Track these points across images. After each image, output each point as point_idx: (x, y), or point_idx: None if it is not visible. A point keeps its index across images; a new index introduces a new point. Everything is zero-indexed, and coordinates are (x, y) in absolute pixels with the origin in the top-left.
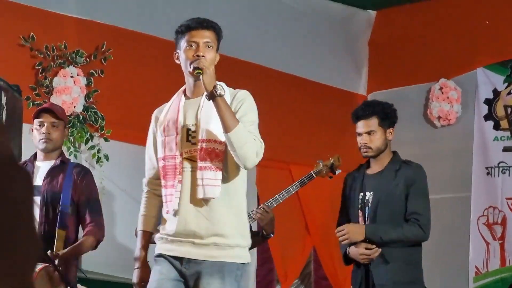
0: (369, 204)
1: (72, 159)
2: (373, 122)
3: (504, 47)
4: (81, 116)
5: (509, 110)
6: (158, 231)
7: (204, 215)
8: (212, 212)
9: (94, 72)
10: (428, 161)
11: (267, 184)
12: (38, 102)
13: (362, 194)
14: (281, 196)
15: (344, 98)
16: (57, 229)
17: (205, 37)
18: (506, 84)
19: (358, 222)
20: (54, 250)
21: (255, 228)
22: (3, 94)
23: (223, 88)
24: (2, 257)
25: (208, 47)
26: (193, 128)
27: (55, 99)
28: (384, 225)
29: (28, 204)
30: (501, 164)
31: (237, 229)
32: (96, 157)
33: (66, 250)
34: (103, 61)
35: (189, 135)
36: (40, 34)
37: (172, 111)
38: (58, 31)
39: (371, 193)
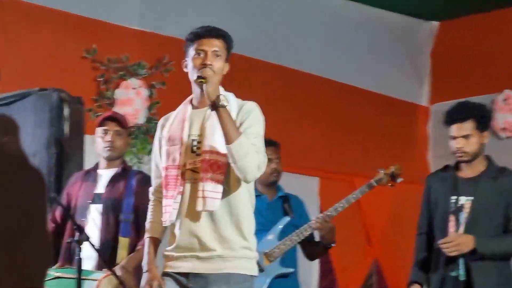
0: (465, 209)
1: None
2: (469, 126)
3: None
4: (143, 128)
5: None
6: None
7: (207, 228)
8: (215, 224)
9: (156, 84)
10: None
11: (329, 196)
12: (100, 113)
13: (455, 198)
14: (341, 205)
15: (407, 109)
16: (119, 237)
17: (213, 45)
18: None
19: (446, 227)
20: (117, 260)
21: (317, 238)
22: (65, 106)
23: (226, 99)
24: (9, 259)
25: (217, 56)
26: (198, 139)
27: (117, 111)
28: (494, 238)
29: (40, 205)
30: None
31: (242, 241)
32: None
33: (127, 259)
34: (165, 73)
35: (193, 146)
36: (102, 46)
37: (178, 121)
38: (120, 43)
39: (469, 198)
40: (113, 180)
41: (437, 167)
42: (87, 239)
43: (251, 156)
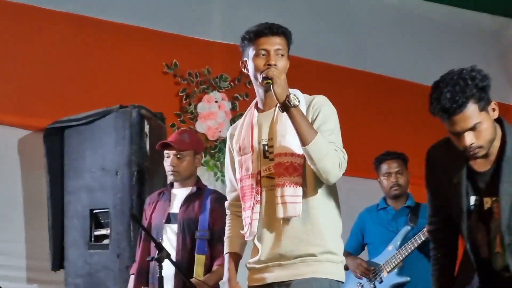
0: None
1: (219, 184)
2: (472, 111)
3: None
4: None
5: None
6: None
7: (288, 235)
8: (296, 230)
9: (239, 96)
10: None
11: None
12: (183, 128)
13: (476, 197)
14: None
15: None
16: (196, 255)
17: (275, 44)
18: None
19: (477, 232)
20: (194, 276)
21: None
22: (145, 123)
23: (296, 98)
24: None
25: (280, 55)
26: (269, 143)
27: (200, 125)
28: None
29: None
30: None
31: (326, 243)
32: None
33: (207, 276)
34: (247, 85)
35: (265, 151)
36: (183, 60)
37: (246, 128)
38: (201, 56)
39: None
40: (188, 200)
41: None
42: (168, 256)
43: (331, 156)
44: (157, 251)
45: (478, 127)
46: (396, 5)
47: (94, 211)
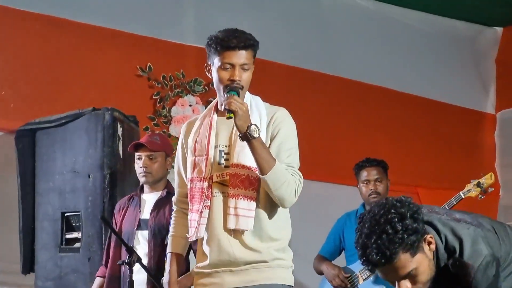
0: None
1: None
2: (404, 260)
3: None
4: None
5: None
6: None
7: (238, 242)
8: (246, 238)
9: (213, 100)
10: None
11: None
12: (157, 132)
13: None
14: None
15: (473, 118)
16: (166, 260)
17: (241, 58)
18: None
19: None
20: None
21: None
22: (118, 125)
23: (257, 129)
24: None
25: (245, 69)
26: (225, 150)
27: (173, 129)
28: None
29: None
30: None
31: (277, 249)
32: None
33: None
34: None
35: (221, 157)
36: (157, 64)
37: (204, 129)
38: (176, 60)
39: None
40: (158, 205)
41: (503, 177)
42: (139, 260)
43: (287, 183)
44: (127, 255)
45: (413, 273)
46: (371, 9)
47: (65, 214)
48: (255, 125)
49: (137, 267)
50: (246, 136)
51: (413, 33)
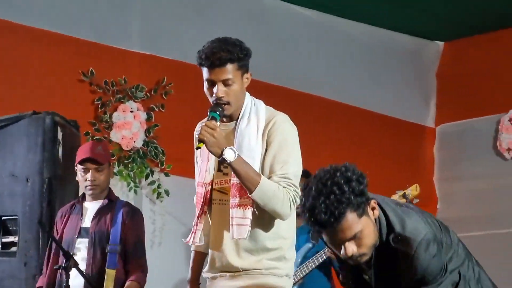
0: None
1: (132, 194)
2: (351, 220)
3: None
4: (141, 151)
5: None
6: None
7: (236, 248)
8: (244, 245)
9: (154, 107)
10: (497, 195)
11: None
12: (98, 137)
13: None
14: None
15: (413, 131)
16: (106, 269)
17: (222, 75)
18: None
19: None
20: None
21: None
22: (59, 130)
23: (232, 151)
24: None
25: (228, 84)
26: None
27: (114, 134)
28: None
29: None
30: None
31: (271, 258)
32: (157, 192)
33: None
34: (164, 96)
35: (221, 164)
36: (99, 69)
37: None
38: (118, 66)
39: None
40: (100, 213)
41: (441, 190)
42: (76, 265)
43: (276, 197)
44: (64, 260)
45: (359, 235)
46: (315, 20)
47: (2, 218)
48: (231, 148)
49: (74, 272)
50: (223, 161)
51: (356, 45)
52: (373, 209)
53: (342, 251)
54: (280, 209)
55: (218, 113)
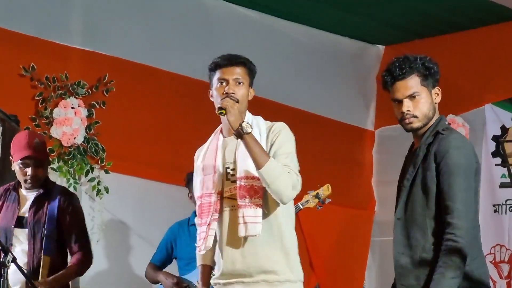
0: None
1: (71, 190)
2: (414, 81)
3: None
4: (81, 148)
5: None
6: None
7: (250, 253)
8: (257, 248)
9: (95, 104)
10: None
11: None
12: (38, 133)
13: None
14: None
15: (354, 134)
16: (42, 256)
17: (234, 74)
18: None
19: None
20: (40, 278)
21: None
22: None
23: (249, 125)
24: None
25: (239, 83)
26: (231, 166)
27: (55, 130)
28: None
29: None
30: (508, 202)
31: (286, 264)
32: (96, 189)
33: (51, 277)
34: (105, 93)
35: (228, 173)
36: (41, 64)
37: (210, 151)
38: (60, 61)
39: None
40: (36, 202)
41: (379, 193)
42: (14, 260)
43: (283, 178)
44: (2, 255)
45: (416, 97)
46: (258, 21)
47: None
48: (247, 122)
49: (13, 267)
50: (239, 132)
51: (298, 47)
52: (436, 94)
53: (400, 108)
54: (284, 190)
55: (233, 99)
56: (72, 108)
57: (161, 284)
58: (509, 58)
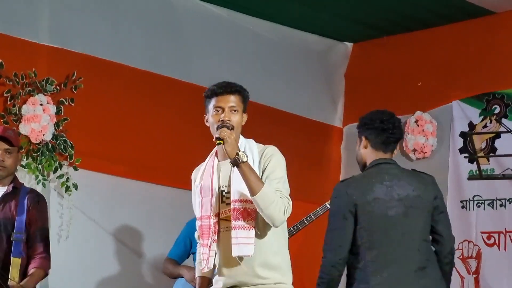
0: None
1: (40, 187)
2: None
3: (480, 80)
4: (50, 145)
5: (484, 143)
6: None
7: (243, 270)
8: (247, 266)
9: (64, 101)
10: None
11: None
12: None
13: None
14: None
15: (321, 131)
16: (11, 258)
17: (230, 101)
18: (481, 118)
19: None
20: (10, 277)
21: None
22: None
23: (245, 154)
24: None
25: (234, 111)
26: (226, 189)
27: (23, 127)
28: None
29: None
30: (475, 198)
31: (276, 275)
32: (65, 186)
33: (24, 281)
34: (73, 90)
35: (223, 196)
36: (9, 61)
37: (207, 174)
38: (28, 58)
39: None
40: (4, 199)
41: None
42: None
43: (276, 203)
44: None
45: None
46: (224, 17)
47: None
48: (243, 151)
49: None
50: (236, 161)
51: (266, 43)
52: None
53: None
54: (277, 214)
55: (228, 126)
56: (41, 105)
57: (182, 277)
58: (476, 55)
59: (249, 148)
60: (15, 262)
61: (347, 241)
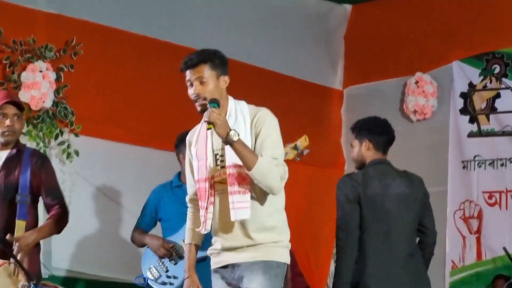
0: None
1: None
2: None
3: (479, 40)
4: (50, 112)
5: (484, 104)
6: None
7: (240, 231)
8: (244, 226)
9: (63, 67)
10: (404, 156)
11: None
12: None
13: None
14: None
15: (321, 93)
16: (16, 220)
17: (195, 74)
18: (481, 78)
19: None
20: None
21: None
22: None
23: (236, 133)
24: None
25: (202, 82)
26: (220, 153)
27: (23, 94)
28: None
29: None
30: (476, 158)
31: (273, 235)
32: (66, 152)
33: (28, 232)
34: (73, 56)
35: (217, 160)
36: (7, 28)
37: (201, 137)
38: (27, 25)
39: None
40: (8, 163)
41: (349, 152)
42: None
43: (273, 174)
44: None
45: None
46: None
47: None
48: (234, 130)
49: None
50: (227, 141)
51: (264, 6)
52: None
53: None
54: (275, 184)
55: (216, 103)
56: (40, 71)
57: (147, 247)
58: (475, 15)
59: (240, 111)
60: (20, 225)
61: (357, 221)
